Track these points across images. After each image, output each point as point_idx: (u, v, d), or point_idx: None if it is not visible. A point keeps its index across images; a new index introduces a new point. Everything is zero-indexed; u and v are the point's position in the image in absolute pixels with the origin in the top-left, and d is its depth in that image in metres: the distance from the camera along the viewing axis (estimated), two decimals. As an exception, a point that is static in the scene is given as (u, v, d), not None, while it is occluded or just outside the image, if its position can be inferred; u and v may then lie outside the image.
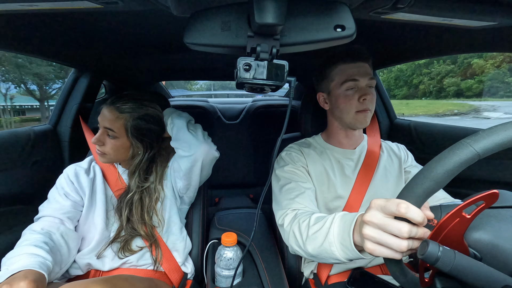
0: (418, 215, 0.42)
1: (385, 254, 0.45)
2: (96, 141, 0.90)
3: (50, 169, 1.27)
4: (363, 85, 0.86)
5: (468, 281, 0.39)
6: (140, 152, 0.94)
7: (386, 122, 1.56)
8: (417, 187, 0.42)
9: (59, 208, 0.87)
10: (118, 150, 0.92)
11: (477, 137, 0.39)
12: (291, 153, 0.96)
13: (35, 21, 0.72)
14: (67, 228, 0.86)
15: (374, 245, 0.47)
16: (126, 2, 0.53)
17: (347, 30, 0.50)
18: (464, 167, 0.39)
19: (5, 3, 0.53)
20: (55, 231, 0.83)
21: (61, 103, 1.36)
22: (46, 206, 0.88)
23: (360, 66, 0.86)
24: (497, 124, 0.40)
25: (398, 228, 0.43)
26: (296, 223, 0.75)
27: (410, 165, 0.98)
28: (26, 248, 0.73)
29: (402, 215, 0.42)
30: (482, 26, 0.66)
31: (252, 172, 2.18)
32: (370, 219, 0.47)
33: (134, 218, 0.92)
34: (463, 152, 0.39)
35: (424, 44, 0.99)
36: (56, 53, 1.06)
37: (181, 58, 1.31)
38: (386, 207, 0.45)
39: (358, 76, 0.86)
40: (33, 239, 0.77)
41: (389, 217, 0.45)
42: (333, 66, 0.90)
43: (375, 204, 0.48)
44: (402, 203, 0.42)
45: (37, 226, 0.83)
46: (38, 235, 0.79)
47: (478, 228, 0.45)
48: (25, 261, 0.69)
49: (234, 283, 0.82)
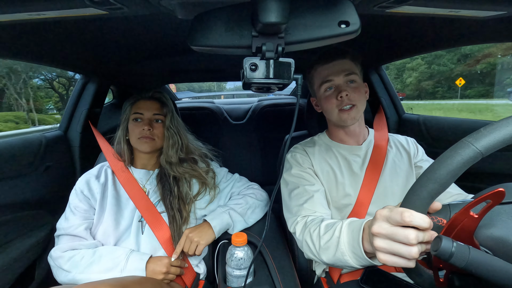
0: (423, 221, 0.42)
1: (398, 263, 0.46)
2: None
3: (62, 174, 1.30)
4: (340, 83, 0.87)
5: (484, 276, 0.38)
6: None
7: (394, 117, 1.54)
8: (422, 190, 0.42)
9: (75, 226, 0.91)
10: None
11: (478, 135, 0.39)
12: (296, 154, 0.96)
13: (43, 29, 0.74)
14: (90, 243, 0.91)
15: (386, 255, 0.47)
16: (131, 7, 0.54)
17: (352, 26, 0.49)
18: (468, 167, 0.39)
19: (14, 13, 0.54)
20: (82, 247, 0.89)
21: (70, 109, 1.38)
22: (64, 225, 0.92)
23: (334, 65, 0.87)
24: (498, 120, 0.39)
25: (405, 235, 0.43)
26: (307, 233, 0.76)
27: (421, 159, 0.96)
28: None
29: (407, 224, 0.43)
30: (490, 16, 0.65)
31: (260, 171, 2.18)
32: (378, 230, 0.47)
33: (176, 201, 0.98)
34: (465, 151, 0.39)
35: (430, 37, 0.97)
36: (64, 60, 1.08)
37: (186, 60, 1.32)
38: (391, 217, 0.45)
39: (332, 75, 0.87)
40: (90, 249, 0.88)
41: (396, 226, 0.45)
42: (312, 70, 0.93)
43: (380, 215, 0.48)
44: (405, 211, 0.43)
45: (66, 246, 0.88)
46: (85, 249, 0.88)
47: (489, 225, 0.44)
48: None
49: (246, 283, 0.83)
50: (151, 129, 0.98)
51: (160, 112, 1.01)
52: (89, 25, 0.74)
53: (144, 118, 0.99)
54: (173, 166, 1.02)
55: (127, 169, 1.02)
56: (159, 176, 1.03)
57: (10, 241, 1.01)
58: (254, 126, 2.21)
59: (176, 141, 1.03)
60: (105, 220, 0.93)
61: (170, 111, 1.03)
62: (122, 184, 0.99)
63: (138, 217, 0.95)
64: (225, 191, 1.09)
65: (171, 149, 1.02)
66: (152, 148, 1.00)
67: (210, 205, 1.06)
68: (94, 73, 1.35)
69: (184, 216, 0.98)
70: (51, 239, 1.14)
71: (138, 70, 1.44)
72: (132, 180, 1.00)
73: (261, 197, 1.10)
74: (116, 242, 0.93)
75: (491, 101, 15.40)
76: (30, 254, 1.06)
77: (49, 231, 1.14)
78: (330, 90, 0.89)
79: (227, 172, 1.16)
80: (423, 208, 0.43)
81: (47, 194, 1.20)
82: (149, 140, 0.98)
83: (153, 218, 0.95)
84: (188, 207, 1.00)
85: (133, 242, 0.93)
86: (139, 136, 0.98)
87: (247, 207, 1.03)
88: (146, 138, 0.98)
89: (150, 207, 0.97)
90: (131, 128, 1.00)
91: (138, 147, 1.00)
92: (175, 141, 1.03)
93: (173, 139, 1.02)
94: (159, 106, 1.02)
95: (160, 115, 1.01)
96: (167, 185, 1.00)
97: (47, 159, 1.22)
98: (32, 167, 1.15)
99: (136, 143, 0.99)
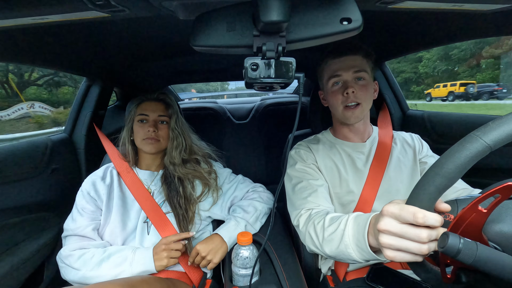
0: (436, 220, 0.42)
1: (407, 259, 0.45)
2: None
3: (68, 176, 1.31)
4: (348, 79, 0.86)
5: (492, 272, 0.38)
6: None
7: (398, 113, 1.52)
8: (429, 185, 0.42)
9: (82, 226, 0.92)
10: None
11: (486, 128, 0.38)
12: (300, 150, 0.96)
13: (46, 33, 0.75)
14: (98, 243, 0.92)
15: (394, 252, 0.46)
16: (132, 10, 0.54)
17: (354, 23, 0.49)
18: (476, 161, 0.38)
19: (18, 18, 0.55)
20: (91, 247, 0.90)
21: (75, 112, 1.40)
22: (71, 226, 0.93)
23: (344, 60, 0.87)
24: (507, 114, 0.38)
25: (417, 234, 0.43)
26: (311, 225, 0.75)
27: (426, 155, 0.95)
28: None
29: (421, 224, 0.42)
30: (494, 10, 0.64)
31: (264, 170, 2.18)
32: (386, 227, 0.46)
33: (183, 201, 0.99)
34: (473, 145, 0.38)
35: (434, 32, 0.96)
36: (68, 64, 1.09)
37: (189, 61, 1.32)
38: (401, 216, 0.44)
39: (341, 70, 0.86)
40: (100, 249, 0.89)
41: (405, 224, 0.45)
42: (323, 63, 0.92)
43: (387, 212, 0.47)
44: (419, 212, 0.42)
45: (75, 245, 0.89)
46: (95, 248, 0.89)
47: (498, 221, 0.43)
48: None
49: (252, 282, 0.83)
50: (156, 131, 0.99)
51: (165, 114, 1.02)
52: (92, 28, 0.75)
53: (149, 120, 1.00)
54: (176, 167, 1.03)
55: (132, 170, 1.03)
56: (164, 177, 1.04)
57: (19, 243, 1.02)
58: (258, 125, 2.21)
59: (180, 142, 1.04)
60: (112, 221, 0.94)
61: (175, 113, 1.04)
62: (127, 185, 0.99)
63: (144, 218, 0.96)
64: (228, 193, 1.09)
65: (175, 150, 1.03)
66: (156, 149, 1.01)
67: (213, 207, 1.06)
68: (97, 76, 1.36)
69: (190, 215, 0.99)
70: (58, 241, 1.15)
71: (141, 72, 1.45)
72: (137, 181, 1.01)
73: (268, 199, 1.10)
74: (123, 243, 0.94)
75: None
76: (38, 256, 1.08)
77: (56, 233, 1.16)
78: (337, 85, 0.88)
79: (231, 173, 1.16)
80: (430, 203, 0.42)
81: (53, 196, 1.22)
82: (154, 141, 0.99)
83: (158, 219, 0.96)
84: (193, 207, 1.01)
85: (138, 243, 0.94)
86: (144, 137, 0.99)
87: (257, 214, 1.02)
88: (151, 139, 0.99)
89: (156, 208, 0.97)
90: (136, 129, 1.01)
91: (143, 148, 1.00)
92: (179, 143, 1.04)
93: (177, 140, 1.03)
94: (164, 108, 1.03)
95: (165, 116, 1.02)
96: (173, 186, 1.01)
97: (53, 161, 1.23)
98: (39, 170, 1.16)
99: (141, 144, 1.00)
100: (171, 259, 0.88)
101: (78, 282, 0.85)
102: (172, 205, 0.98)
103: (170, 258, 0.88)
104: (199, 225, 1.03)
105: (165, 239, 0.90)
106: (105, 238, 0.94)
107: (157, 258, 0.87)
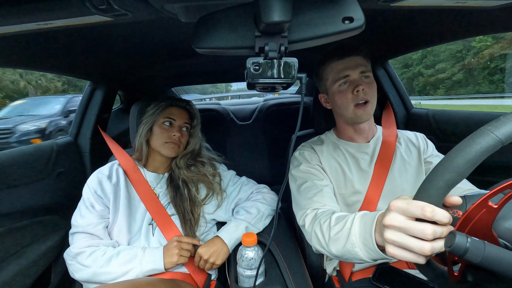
0: (445, 216, 0.41)
1: (408, 258, 0.44)
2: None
3: (74, 180, 1.32)
4: (356, 78, 0.87)
5: (501, 272, 0.37)
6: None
7: (402, 112, 1.51)
8: (438, 180, 0.41)
9: (93, 224, 0.92)
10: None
11: (498, 123, 0.37)
12: (304, 152, 0.96)
13: (51, 39, 0.75)
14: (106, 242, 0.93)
15: (396, 249, 0.45)
16: (135, 13, 0.55)
17: (356, 22, 0.49)
18: (487, 156, 0.38)
19: (24, 24, 0.55)
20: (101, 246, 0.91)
21: (80, 116, 1.41)
22: (80, 222, 0.92)
23: (349, 61, 0.87)
24: None
25: (422, 230, 0.42)
26: (317, 224, 0.74)
27: (431, 154, 0.94)
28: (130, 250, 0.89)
29: (428, 219, 0.41)
30: (498, 6, 0.63)
31: (268, 171, 2.18)
32: (391, 222, 0.45)
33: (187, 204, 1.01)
34: (484, 140, 0.37)
35: (438, 29, 0.95)
36: (72, 68, 1.10)
37: (191, 63, 1.33)
38: (408, 210, 0.43)
39: (348, 70, 0.86)
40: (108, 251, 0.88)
41: (411, 219, 0.44)
42: (325, 65, 0.92)
43: (394, 206, 0.46)
44: (427, 206, 0.41)
45: (85, 243, 0.89)
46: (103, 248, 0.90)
47: (507, 217, 0.42)
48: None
49: (257, 283, 0.83)
50: (181, 136, 1.02)
51: (189, 122, 1.07)
52: (95, 33, 0.76)
53: (175, 125, 1.03)
54: (181, 170, 1.04)
55: (139, 170, 1.03)
56: (170, 179, 1.04)
57: (26, 247, 1.03)
58: (261, 126, 2.21)
59: (194, 149, 1.09)
60: (119, 221, 0.94)
61: (199, 123, 1.10)
62: (134, 185, 1.00)
63: (149, 220, 0.97)
64: (232, 195, 1.09)
65: (186, 156, 1.06)
66: (175, 154, 1.03)
67: (218, 210, 1.06)
68: (101, 79, 1.37)
69: (195, 218, 0.99)
70: (65, 243, 1.16)
71: (145, 75, 1.45)
72: (143, 182, 1.01)
73: (272, 200, 1.10)
74: (127, 244, 0.94)
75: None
76: (46, 258, 1.09)
77: (63, 236, 1.17)
78: (345, 85, 0.88)
79: (235, 175, 1.16)
80: (439, 199, 0.41)
81: (60, 199, 1.23)
82: (176, 146, 1.01)
83: (164, 221, 0.96)
84: (198, 209, 1.01)
85: (143, 244, 0.94)
86: (168, 141, 1.00)
87: (260, 216, 1.02)
88: (174, 143, 1.01)
89: (161, 210, 0.98)
90: (159, 131, 1.01)
91: (161, 150, 1.01)
92: (194, 150, 1.09)
93: (194, 147, 1.08)
94: (189, 116, 1.07)
95: (189, 124, 1.07)
96: (178, 188, 1.01)
97: (59, 165, 1.24)
98: (45, 174, 1.18)
99: (161, 147, 1.01)
100: (181, 257, 0.89)
101: (87, 280, 0.86)
102: (177, 207, 0.99)
103: (180, 256, 0.89)
104: (204, 227, 1.03)
105: (178, 237, 0.91)
106: (113, 238, 0.94)
107: (168, 254, 0.88)
